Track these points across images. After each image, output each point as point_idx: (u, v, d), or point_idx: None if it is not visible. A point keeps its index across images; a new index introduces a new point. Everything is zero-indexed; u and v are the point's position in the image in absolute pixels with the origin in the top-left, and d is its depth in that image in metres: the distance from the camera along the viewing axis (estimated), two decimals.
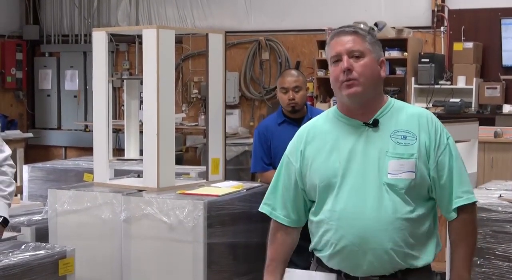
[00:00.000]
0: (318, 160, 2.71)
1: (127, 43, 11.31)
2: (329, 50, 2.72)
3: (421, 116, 2.73)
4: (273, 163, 4.81)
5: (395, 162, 2.63)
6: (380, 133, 2.68)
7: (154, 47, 4.22)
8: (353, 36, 2.69)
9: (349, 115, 2.72)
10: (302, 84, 4.79)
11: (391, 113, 2.72)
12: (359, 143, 2.67)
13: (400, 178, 2.62)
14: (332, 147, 2.70)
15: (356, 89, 2.65)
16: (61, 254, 3.48)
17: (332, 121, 2.77)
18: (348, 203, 2.63)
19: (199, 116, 10.65)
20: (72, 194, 4.35)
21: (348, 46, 2.67)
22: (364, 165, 2.65)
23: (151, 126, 4.28)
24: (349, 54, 2.66)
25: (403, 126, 2.69)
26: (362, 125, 2.70)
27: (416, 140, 2.67)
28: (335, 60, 2.69)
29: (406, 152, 2.64)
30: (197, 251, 3.97)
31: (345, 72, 2.65)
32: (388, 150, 2.65)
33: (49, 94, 11.90)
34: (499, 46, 8.92)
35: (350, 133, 2.70)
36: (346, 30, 2.72)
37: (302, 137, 2.80)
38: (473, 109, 8.82)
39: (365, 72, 2.66)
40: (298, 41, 10.28)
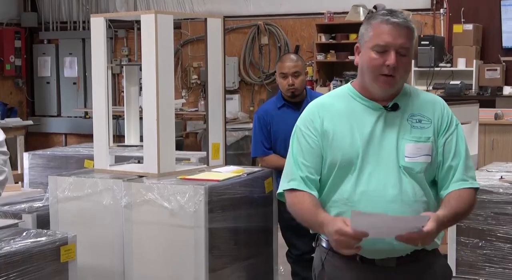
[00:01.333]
0: (339, 137, 2.67)
1: (125, 29, 11.29)
2: (374, 34, 2.62)
3: (436, 102, 2.75)
4: (273, 147, 4.81)
5: (412, 146, 2.64)
6: (398, 117, 2.68)
7: (153, 33, 4.20)
8: (406, 30, 2.61)
9: (369, 97, 2.70)
10: (301, 69, 4.78)
11: (407, 98, 2.72)
12: (378, 126, 2.66)
13: (417, 161, 2.63)
14: (353, 127, 2.67)
15: (393, 84, 2.64)
16: (63, 241, 3.47)
17: (349, 101, 2.73)
18: (370, 186, 2.61)
19: (199, 102, 10.66)
20: (73, 181, 4.34)
21: (400, 42, 2.59)
22: (383, 148, 2.64)
23: (150, 112, 4.27)
24: (398, 50, 2.60)
25: (418, 110, 2.70)
26: (381, 108, 2.68)
27: (431, 124, 2.68)
28: (380, 50, 2.60)
29: (422, 135, 2.66)
30: (198, 236, 3.97)
31: (390, 67, 2.59)
32: (405, 133, 2.66)
33: (48, 81, 11.90)
34: (499, 28, 8.91)
35: (369, 115, 2.68)
36: (399, 23, 2.60)
37: (315, 113, 2.74)
38: (473, 91, 8.82)
39: (405, 69, 2.65)
40: (297, 25, 10.26)
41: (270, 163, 4.78)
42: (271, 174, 4.67)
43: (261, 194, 4.55)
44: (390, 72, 2.60)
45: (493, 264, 4.23)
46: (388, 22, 2.60)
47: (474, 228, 4.23)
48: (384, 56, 2.60)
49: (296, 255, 4.86)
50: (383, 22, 2.61)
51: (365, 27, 2.68)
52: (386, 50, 2.59)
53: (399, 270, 2.67)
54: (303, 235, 4.82)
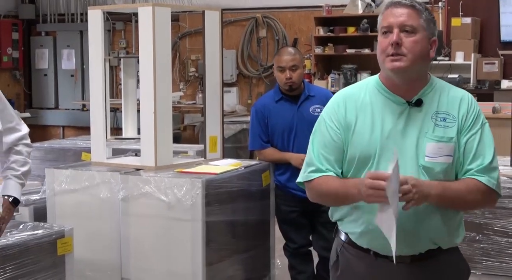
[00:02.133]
0: (360, 132, 2.62)
1: (123, 21, 11.26)
2: (381, 20, 2.61)
3: (463, 99, 2.64)
4: (271, 141, 4.80)
5: (434, 145, 2.56)
6: (422, 113, 2.61)
7: (150, 25, 4.19)
8: (409, 9, 2.58)
9: (392, 89, 2.64)
10: (299, 62, 4.76)
11: (433, 93, 2.64)
12: (399, 122, 2.60)
13: (437, 162, 2.56)
14: (374, 121, 2.62)
15: (400, 64, 2.55)
16: (59, 234, 3.48)
17: (373, 93, 2.67)
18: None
19: (196, 95, 10.64)
20: (70, 174, 4.34)
21: (402, 19, 2.57)
22: (403, 145, 2.57)
23: (148, 104, 4.26)
24: (401, 27, 2.56)
25: (444, 108, 2.61)
26: (404, 103, 2.62)
27: (455, 123, 2.59)
28: (385, 31, 2.59)
29: (445, 135, 2.58)
30: (196, 229, 3.97)
31: (393, 46, 2.55)
32: (427, 131, 2.58)
33: (46, 74, 11.87)
34: (497, 21, 8.89)
35: (392, 110, 2.62)
36: (403, 2, 2.60)
37: (340, 104, 2.69)
38: (471, 84, 8.81)
39: (414, 48, 2.56)
40: (296, 18, 10.24)
41: (267, 156, 4.77)
42: (269, 167, 4.67)
43: (259, 187, 4.55)
44: (394, 51, 2.55)
45: (490, 257, 4.24)
46: (393, 6, 2.61)
47: (471, 222, 4.23)
48: (389, 37, 2.57)
49: (293, 248, 4.86)
50: (389, 6, 2.62)
51: (379, 18, 2.67)
52: (390, 31, 2.58)
53: (413, 266, 2.63)
54: (300, 229, 4.83)
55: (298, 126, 4.68)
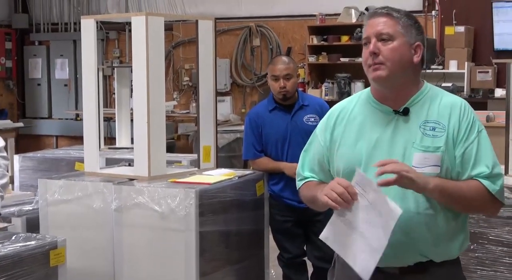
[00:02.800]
0: (344, 144, 2.64)
1: (117, 31, 11.27)
2: (363, 32, 2.66)
3: (455, 106, 2.59)
4: (264, 150, 4.79)
5: (421, 155, 2.52)
6: (410, 123, 2.58)
7: (144, 35, 4.18)
8: (385, 18, 2.59)
9: (381, 100, 2.63)
10: (293, 71, 4.75)
11: (423, 101, 2.61)
12: (386, 132, 2.58)
13: (424, 172, 2.49)
14: (359, 133, 2.62)
15: (381, 73, 2.55)
16: (52, 245, 3.44)
17: (362, 104, 2.68)
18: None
19: (190, 104, 10.63)
20: (63, 184, 4.31)
21: (378, 28, 2.58)
22: (389, 155, 2.54)
23: (141, 114, 4.24)
24: (378, 36, 2.57)
25: (434, 117, 2.57)
26: (392, 112, 2.60)
27: (444, 132, 2.54)
28: (365, 43, 2.61)
29: (432, 145, 2.53)
30: (189, 240, 3.95)
31: (372, 56, 2.57)
32: (415, 141, 2.54)
33: (39, 83, 11.86)
34: (490, 30, 8.91)
35: (379, 120, 2.61)
36: (379, 12, 2.62)
37: (332, 118, 2.72)
38: (465, 93, 8.83)
39: (392, 56, 2.55)
40: (289, 27, 10.25)
41: (261, 166, 4.76)
42: (263, 177, 4.65)
43: (253, 197, 4.53)
44: (372, 61, 2.56)
45: (484, 267, 4.23)
46: (370, 17, 2.64)
47: None
48: (369, 47, 2.60)
49: (288, 258, 4.84)
50: (367, 19, 2.65)
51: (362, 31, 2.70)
52: (369, 42, 2.60)
53: (404, 278, 2.59)
54: (294, 238, 4.81)
55: (292, 136, 4.67)
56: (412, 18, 2.64)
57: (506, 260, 4.18)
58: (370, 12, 2.66)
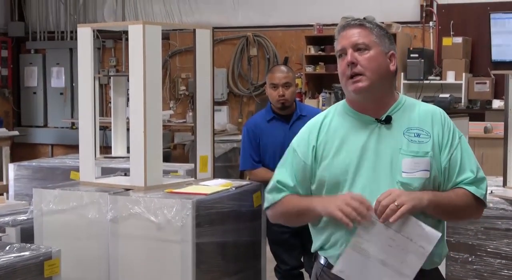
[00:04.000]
0: (327, 156, 2.62)
1: (113, 39, 11.25)
2: (336, 44, 2.65)
3: (434, 113, 2.65)
4: (262, 161, 4.77)
5: (410, 161, 2.55)
6: (393, 130, 2.60)
7: (140, 43, 4.16)
8: (359, 29, 2.61)
9: (360, 110, 2.64)
10: (292, 80, 4.75)
11: (403, 110, 2.64)
12: (370, 140, 2.59)
13: (415, 177, 2.55)
14: (341, 144, 2.61)
15: (362, 85, 2.57)
16: (47, 255, 3.41)
17: (341, 116, 2.68)
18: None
19: (187, 113, 10.61)
20: (58, 194, 4.28)
21: (353, 39, 2.59)
22: (376, 163, 2.57)
23: (137, 123, 4.21)
24: (354, 47, 2.58)
25: (416, 124, 2.61)
26: (373, 121, 2.61)
27: (430, 138, 2.59)
28: (340, 54, 2.62)
29: (420, 150, 2.57)
30: (186, 251, 3.91)
31: (350, 66, 2.57)
32: (401, 147, 2.57)
33: (35, 92, 11.82)
34: (488, 41, 8.91)
35: (361, 129, 2.61)
36: (351, 23, 2.64)
37: (314, 132, 2.69)
38: (462, 104, 8.82)
39: (371, 65, 2.57)
40: (287, 36, 10.24)
41: (258, 177, 4.73)
42: (260, 187, 4.62)
43: (250, 208, 4.51)
44: (351, 71, 2.56)
45: (483, 279, 4.20)
46: (343, 29, 2.65)
47: (464, 243, 4.19)
48: (345, 59, 2.60)
49: (285, 270, 4.81)
50: (340, 31, 2.66)
51: (335, 43, 2.70)
52: (345, 53, 2.60)
53: None
54: (291, 250, 4.78)
55: None
56: (383, 29, 2.68)
57: (505, 273, 4.15)
58: (342, 24, 2.66)
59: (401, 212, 2.41)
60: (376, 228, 2.45)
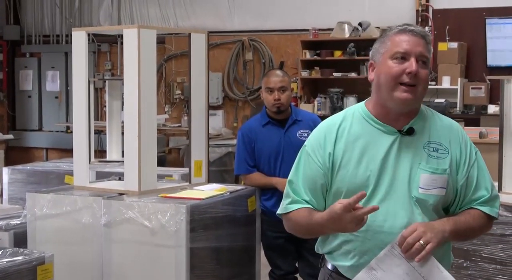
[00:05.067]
0: (347, 165, 2.54)
1: (109, 43, 11.24)
2: (392, 43, 2.53)
3: (452, 128, 2.61)
4: (257, 165, 4.75)
5: (428, 177, 2.50)
6: (414, 143, 2.55)
7: (135, 47, 4.14)
8: (423, 40, 2.53)
9: (382, 119, 2.57)
10: (288, 84, 4.73)
11: (424, 122, 2.59)
12: (391, 152, 2.53)
13: (431, 194, 2.50)
14: (362, 153, 2.54)
15: (413, 97, 2.49)
16: (40, 260, 3.39)
17: (361, 123, 2.60)
18: (378, 215, 2.47)
19: (182, 117, 10.60)
20: (51, 198, 4.26)
21: (419, 49, 2.51)
22: (395, 175, 2.51)
23: (132, 127, 4.20)
24: (419, 58, 2.51)
25: (435, 138, 2.56)
26: (395, 132, 2.55)
27: (448, 154, 2.55)
28: (399, 57, 2.51)
29: (439, 167, 2.52)
30: (180, 256, 3.89)
31: (411, 75, 2.48)
32: (420, 162, 2.52)
33: (30, 95, 11.80)
34: (483, 46, 8.92)
35: (382, 140, 2.55)
36: (416, 31, 2.54)
37: (331, 136, 2.60)
38: (458, 109, 8.82)
39: (426, 81, 2.52)
40: (282, 41, 10.24)
41: (253, 181, 4.71)
42: (255, 192, 4.61)
43: (244, 213, 4.49)
44: (411, 81, 2.48)
45: None
46: (406, 30, 2.54)
47: (459, 248, 4.18)
48: (404, 64, 2.50)
49: (279, 275, 4.79)
50: (401, 32, 2.55)
51: (381, 40, 2.60)
52: (406, 58, 2.50)
53: None
54: (286, 255, 4.76)
55: (285, 151, 4.63)
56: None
57: (499, 278, 4.15)
58: (406, 27, 2.56)
59: (426, 252, 2.37)
60: (395, 261, 2.41)
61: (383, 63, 2.54)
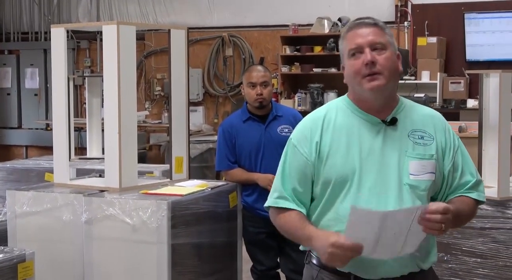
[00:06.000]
0: (334, 155, 2.58)
1: (88, 40, 11.19)
2: (346, 42, 2.60)
3: (435, 117, 2.67)
4: (238, 161, 4.75)
5: (417, 163, 2.56)
6: (398, 132, 2.59)
7: (115, 44, 4.12)
8: (373, 28, 2.58)
9: (366, 110, 2.61)
10: (269, 79, 4.75)
11: (405, 112, 2.64)
12: (377, 141, 2.57)
13: (422, 179, 2.56)
14: (349, 142, 2.58)
15: (379, 83, 2.53)
16: (20, 258, 3.37)
17: (346, 114, 2.64)
18: (369, 203, 2.50)
19: (162, 114, 10.58)
20: (32, 195, 4.24)
21: (370, 38, 2.56)
22: (383, 164, 2.55)
23: (112, 124, 4.18)
24: (371, 46, 2.55)
25: (419, 126, 2.62)
26: (379, 122, 2.60)
27: (433, 141, 2.60)
28: (355, 53, 2.57)
29: (426, 152, 2.58)
30: (161, 253, 3.89)
31: (368, 65, 2.53)
32: (407, 150, 2.57)
33: (9, 93, 11.72)
34: (462, 41, 8.97)
35: (368, 130, 2.59)
36: (366, 22, 2.60)
37: (317, 127, 2.64)
38: (437, 104, 8.86)
39: (388, 65, 2.55)
40: (262, 37, 10.24)
41: (234, 177, 4.71)
42: (236, 188, 4.61)
43: (226, 208, 4.49)
44: (370, 70, 2.53)
45: (458, 278, 4.22)
46: (354, 26, 2.61)
47: (439, 242, 4.15)
48: (361, 58, 2.55)
49: (261, 270, 4.80)
50: (351, 29, 2.62)
51: (340, 42, 2.67)
52: (361, 52, 2.56)
53: None
54: (268, 250, 4.77)
55: (266, 146, 4.64)
56: (389, 29, 2.67)
57: (480, 271, 4.17)
58: (355, 22, 2.63)
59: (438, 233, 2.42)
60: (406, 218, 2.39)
61: (346, 63, 2.62)
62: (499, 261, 4.11)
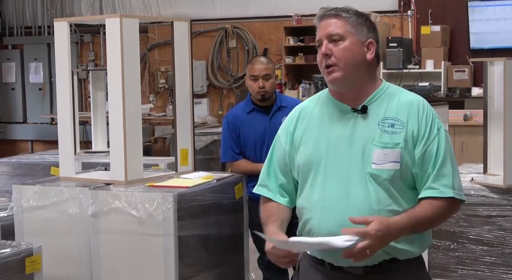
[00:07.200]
0: (305, 143, 2.66)
1: (91, 33, 11.19)
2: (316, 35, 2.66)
3: (412, 104, 2.61)
4: (243, 152, 4.76)
5: (380, 152, 2.54)
6: (368, 120, 2.59)
7: (118, 37, 4.13)
8: (334, 19, 2.60)
9: (339, 99, 2.65)
10: (272, 72, 4.74)
11: (381, 99, 2.62)
12: (346, 129, 2.59)
13: (384, 169, 2.53)
14: (319, 131, 2.64)
15: (335, 75, 2.57)
16: (28, 252, 3.39)
17: (322, 104, 2.70)
18: (332, 192, 2.55)
19: (167, 106, 10.58)
20: (38, 190, 4.25)
21: (328, 30, 2.59)
22: (349, 152, 2.57)
23: (117, 118, 4.19)
24: (329, 38, 2.59)
25: (392, 114, 2.59)
26: (351, 110, 2.61)
27: (403, 129, 2.56)
28: (318, 45, 2.63)
29: (391, 141, 2.54)
30: (168, 245, 3.90)
31: (324, 59, 2.59)
32: (374, 138, 2.56)
33: (13, 87, 11.74)
34: (466, 29, 8.95)
35: (338, 118, 2.62)
36: (327, 14, 2.63)
37: (293, 118, 2.75)
38: (442, 92, 8.85)
39: (344, 56, 2.56)
40: (265, 28, 10.23)
41: (240, 168, 4.72)
42: (241, 179, 4.61)
43: (231, 200, 4.49)
44: (325, 63, 2.58)
45: (465, 266, 4.22)
46: (320, 19, 2.65)
47: (445, 231, 4.20)
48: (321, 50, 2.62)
49: (268, 261, 4.78)
50: (318, 22, 2.66)
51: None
52: (321, 44, 2.61)
53: (369, 277, 2.60)
54: None
55: (270, 137, 4.59)
56: (362, 16, 2.66)
57: (487, 259, 4.17)
58: (319, 14, 2.66)
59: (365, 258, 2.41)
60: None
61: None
62: (506, 248, 4.11)
